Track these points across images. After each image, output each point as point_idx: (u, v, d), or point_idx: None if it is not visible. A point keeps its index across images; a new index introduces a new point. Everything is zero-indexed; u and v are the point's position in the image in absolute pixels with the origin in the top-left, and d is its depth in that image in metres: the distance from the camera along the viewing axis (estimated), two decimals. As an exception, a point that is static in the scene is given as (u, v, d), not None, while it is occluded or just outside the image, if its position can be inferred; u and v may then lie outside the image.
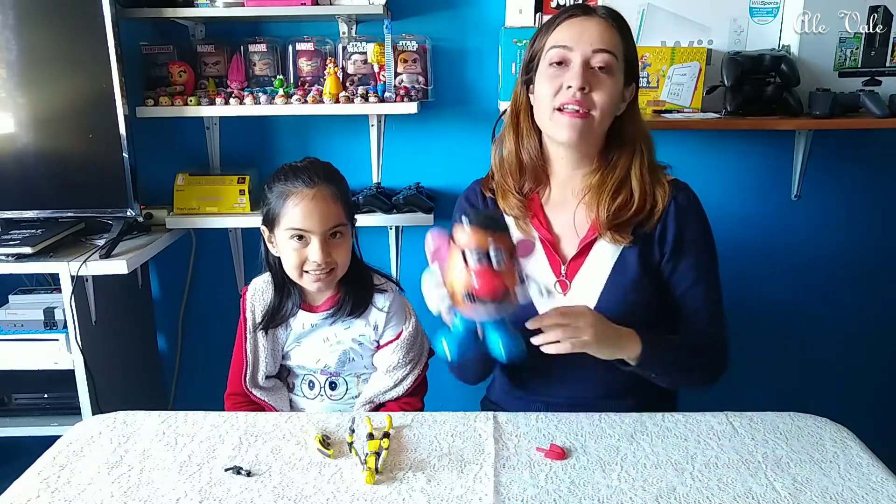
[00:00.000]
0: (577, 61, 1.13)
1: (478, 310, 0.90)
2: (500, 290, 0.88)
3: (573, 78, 1.13)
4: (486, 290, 0.87)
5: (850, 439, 1.07)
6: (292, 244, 1.25)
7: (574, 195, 1.23)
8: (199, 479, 0.98)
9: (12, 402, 1.88)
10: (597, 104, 1.14)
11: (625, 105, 1.20)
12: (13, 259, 1.70)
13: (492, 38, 1.93)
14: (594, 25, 1.15)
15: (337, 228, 1.26)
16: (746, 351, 2.14)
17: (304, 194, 1.24)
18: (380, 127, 1.99)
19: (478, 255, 0.87)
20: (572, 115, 1.14)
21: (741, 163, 2.01)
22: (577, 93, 1.12)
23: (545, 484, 0.96)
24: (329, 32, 1.95)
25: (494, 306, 0.89)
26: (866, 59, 1.78)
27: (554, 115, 1.16)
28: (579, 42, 1.14)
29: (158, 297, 2.20)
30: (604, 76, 1.14)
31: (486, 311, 0.90)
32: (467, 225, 0.89)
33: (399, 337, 1.34)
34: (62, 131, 1.75)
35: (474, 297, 0.88)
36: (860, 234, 2.05)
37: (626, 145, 1.20)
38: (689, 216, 1.21)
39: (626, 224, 1.18)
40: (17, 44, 1.69)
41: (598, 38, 1.13)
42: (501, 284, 0.88)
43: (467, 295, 0.88)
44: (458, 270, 0.89)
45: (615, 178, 1.19)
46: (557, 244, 1.24)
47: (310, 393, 1.37)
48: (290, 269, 1.28)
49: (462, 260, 0.89)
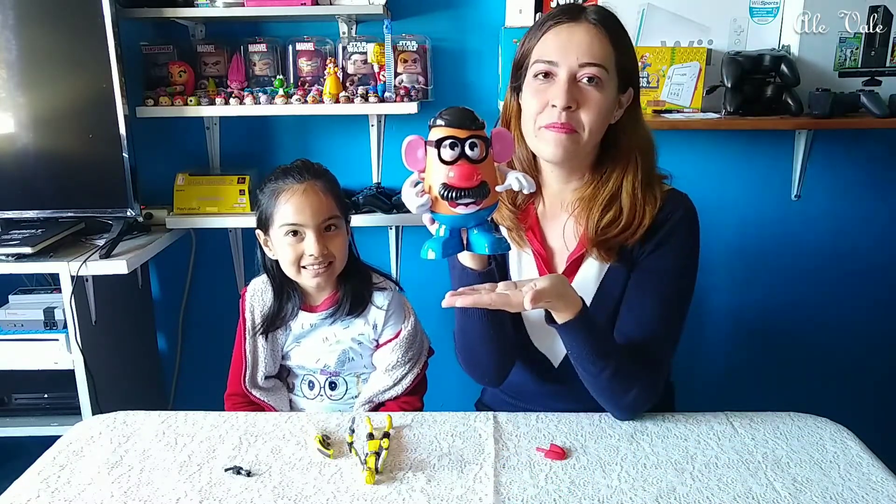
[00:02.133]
0: (562, 76, 1.06)
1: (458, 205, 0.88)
2: (477, 180, 0.87)
3: (558, 96, 1.06)
4: (462, 180, 0.86)
5: (850, 439, 1.07)
6: (288, 240, 1.26)
7: (564, 208, 1.18)
8: (199, 479, 0.98)
9: (12, 402, 1.88)
10: (584, 123, 1.07)
11: (621, 111, 1.13)
12: (13, 259, 1.70)
13: (492, 38, 1.93)
14: (582, 34, 1.07)
15: (330, 221, 1.27)
16: (746, 351, 2.16)
17: (294, 189, 1.25)
18: (380, 127, 1.99)
19: (452, 147, 0.86)
20: (558, 129, 1.07)
21: (741, 163, 2.01)
22: (562, 113, 1.06)
23: (545, 484, 0.96)
24: (329, 32, 1.95)
25: (473, 199, 0.88)
26: (866, 59, 1.78)
27: (539, 132, 1.10)
28: (565, 55, 1.06)
29: (158, 297, 2.20)
30: (591, 90, 1.06)
31: (465, 206, 0.88)
32: (442, 122, 0.87)
33: (398, 336, 1.34)
34: (62, 131, 1.75)
35: (451, 191, 0.87)
36: (860, 234, 2.05)
37: (620, 157, 1.13)
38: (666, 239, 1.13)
39: (612, 241, 1.13)
40: (17, 44, 1.69)
41: (585, 50, 1.06)
42: (477, 174, 0.87)
43: (443, 186, 0.87)
44: (435, 168, 0.88)
45: (607, 191, 1.12)
46: (550, 259, 1.20)
47: (310, 393, 1.37)
48: (288, 266, 1.28)
49: (438, 157, 0.87)
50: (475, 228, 0.92)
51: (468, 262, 1.08)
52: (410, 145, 0.91)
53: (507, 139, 0.93)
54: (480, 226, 0.92)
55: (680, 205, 1.15)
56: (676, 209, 1.14)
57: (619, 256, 1.14)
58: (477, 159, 0.87)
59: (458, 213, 0.89)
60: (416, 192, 0.90)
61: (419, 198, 0.89)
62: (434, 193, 0.88)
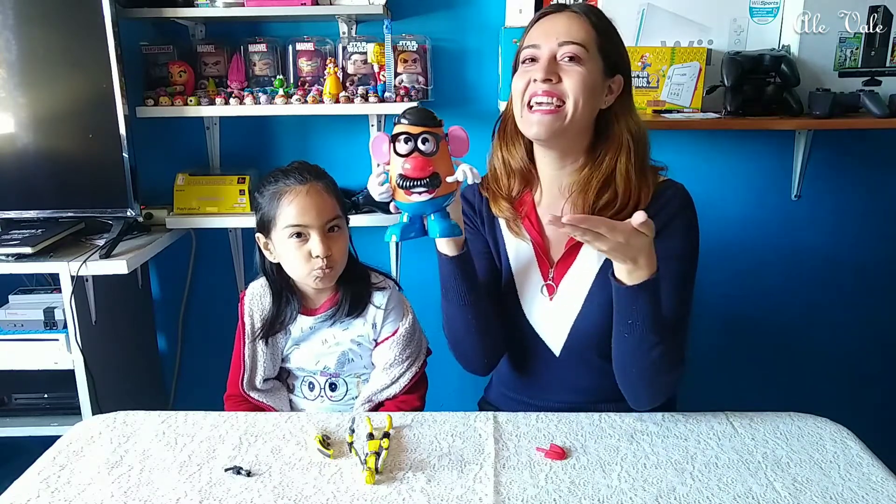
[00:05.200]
0: (544, 56, 1.12)
1: (412, 193, 0.98)
2: (429, 171, 0.97)
3: (538, 70, 1.11)
4: (415, 171, 0.97)
5: (850, 439, 1.07)
6: (292, 242, 1.25)
7: (562, 192, 1.20)
8: (199, 479, 0.98)
9: (12, 402, 1.88)
10: (568, 93, 1.11)
11: (612, 98, 1.16)
12: (13, 259, 1.70)
13: (492, 38, 1.93)
14: (562, 20, 1.14)
15: (334, 222, 1.27)
16: (746, 351, 2.16)
17: (297, 191, 1.24)
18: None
19: (406, 141, 0.97)
20: (542, 111, 1.11)
21: (741, 163, 2.01)
22: (542, 84, 1.10)
23: (545, 484, 0.96)
24: (329, 32, 1.95)
25: (425, 188, 0.97)
26: (866, 59, 1.78)
27: (524, 112, 1.14)
28: (547, 38, 1.12)
29: (158, 297, 2.20)
30: (572, 65, 1.11)
31: (419, 194, 0.98)
32: (402, 121, 0.98)
33: (395, 333, 1.34)
34: (62, 131, 1.75)
35: (406, 181, 0.97)
36: (860, 234, 2.05)
37: (612, 141, 1.16)
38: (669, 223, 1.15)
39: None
40: (17, 44, 1.69)
41: (564, 31, 1.12)
42: (429, 166, 0.97)
43: (399, 176, 0.98)
44: (393, 160, 0.99)
45: (601, 174, 1.15)
46: (548, 247, 1.22)
47: (310, 394, 1.37)
48: (294, 269, 1.27)
49: (394, 150, 0.99)
50: (432, 215, 1.02)
51: (442, 248, 1.13)
52: (376, 140, 1.01)
53: (461, 137, 1.02)
54: (438, 212, 1.02)
55: (677, 193, 1.18)
56: (674, 196, 1.17)
57: None
58: (429, 153, 0.97)
59: (414, 200, 0.99)
60: (379, 180, 1.01)
61: (381, 186, 1.01)
62: (393, 183, 1.00)
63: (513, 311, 1.23)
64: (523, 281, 1.23)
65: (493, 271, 1.26)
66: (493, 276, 1.26)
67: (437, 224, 1.02)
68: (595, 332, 1.17)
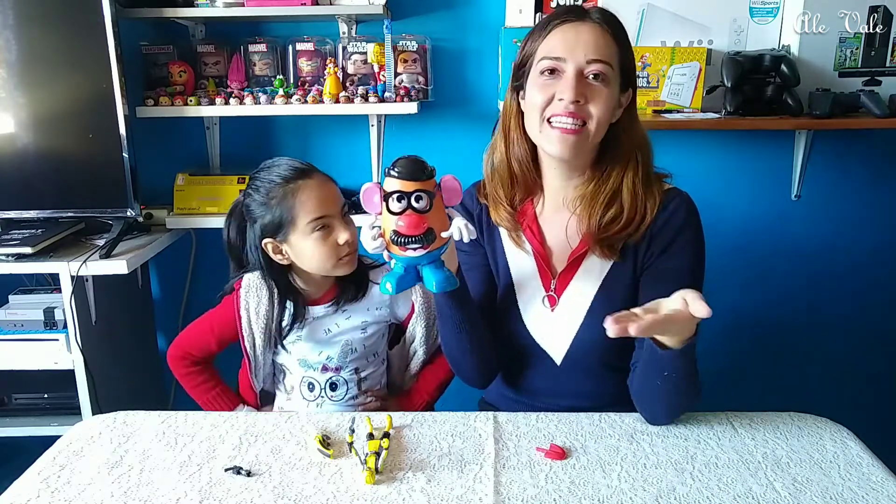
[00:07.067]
0: (570, 72, 1.07)
1: (407, 249, 0.97)
2: (423, 228, 0.96)
3: (566, 90, 1.07)
4: (409, 228, 0.95)
5: (850, 439, 1.07)
6: (317, 236, 1.24)
7: (566, 205, 1.18)
8: (199, 479, 0.98)
9: (12, 402, 1.88)
10: (592, 115, 1.08)
11: (620, 111, 1.14)
12: (13, 259, 1.70)
13: (492, 38, 1.93)
14: (588, 32, 1.08)
15: (345, 209, 1.29)
16: (746, 351, 2.15)
17: (310, 185, 1.25)
18: (380, 127, 1.99)
19: (399, 199, 0.95)
20: (565, 130, 1.08)
21: (741, 163, 2.01)
22: (570, 105, 1.07)
23: (545, 484, 0.95)
24: (329, 32, 1.95)
25: (420, 244, 0.97)
26: (866, 59, 1.78)
27: (544, 128, 1.10)
28: (573, 52, 1.07)
29: (158, 297, 2.20)
30: (599, 86, 1.08)
31: (413, 250, 0.97)
32: (395, 174, 0.96)
33: (413, 311, 1.37)
34: (62, 131, 1.75)
35: (401, 238, 0.96)
36: (860, 234, 2.05)
37: (620, 155, 1.14)
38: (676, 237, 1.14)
39: (614, 238, 1.13)
40: (17, 44, 1.69)
41: (592, 46, 1.07)
42: (423, 223, 0.96)
43: (394, 233, 0.96)
44: (386, 216, 0.98)
45: (608, 188, 1.13)
46: (549, 258, 1.20)
47: (309, 395, 1.37)
48: (320, 261, 1.26)
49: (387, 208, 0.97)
50: (426, 266, 1.01)
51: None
52: (367, 192, 0.99)
53: (454, 187, 1.00)
54: (432, 263, 1.01)
55: (682, 203, 1.16)
56: (679, 208, 1.15)
57: (622, 255, 1.15)
58: (423, 210, 0.96)
59: (408, 255, 0.98)
60: (372, 234, 0.99)
61: (374, 241, 0.99)
62: (386, 237, 0.98)
63: (512, 321, 1.22)
64: (524, 291, 1.21)
65: (489, 283, 1.25)
66: (490, 289, 1.25)
67: (433, 277, 1.01)
68: (598, 343, 1.14)
